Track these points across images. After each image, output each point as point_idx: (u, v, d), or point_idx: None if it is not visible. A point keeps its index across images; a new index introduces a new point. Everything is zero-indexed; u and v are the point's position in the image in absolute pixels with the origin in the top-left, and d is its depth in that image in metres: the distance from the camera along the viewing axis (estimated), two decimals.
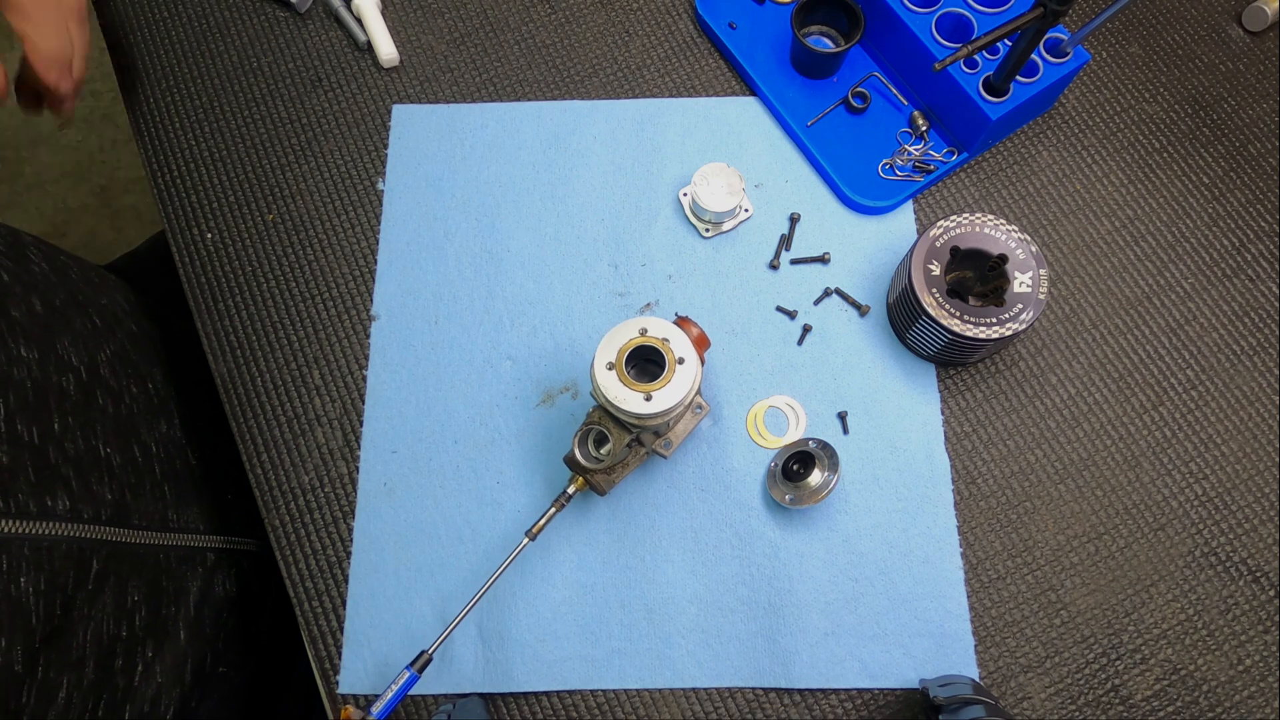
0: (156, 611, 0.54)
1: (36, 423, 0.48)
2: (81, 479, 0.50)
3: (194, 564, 0.59)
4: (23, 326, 0.51)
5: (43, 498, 0.47)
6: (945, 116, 0.64)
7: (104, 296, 0.62)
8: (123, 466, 0.55)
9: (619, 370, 0.48)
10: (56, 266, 0.59)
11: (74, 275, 0.60)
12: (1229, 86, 0.67)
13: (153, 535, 0.55)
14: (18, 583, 0.44)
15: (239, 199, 0.65)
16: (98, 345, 0.57)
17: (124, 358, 0.60)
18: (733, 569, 0.56)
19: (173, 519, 0.58)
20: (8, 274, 0.52)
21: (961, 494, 0.58)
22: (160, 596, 0.55)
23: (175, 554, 0.57)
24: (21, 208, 1.58)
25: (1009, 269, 0.55)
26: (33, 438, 0.48)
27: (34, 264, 0.56)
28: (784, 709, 0.54)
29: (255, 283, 0.63)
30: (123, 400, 0.57)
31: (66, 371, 0.53)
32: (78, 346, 0.55)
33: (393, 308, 0.62)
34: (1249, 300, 0.62)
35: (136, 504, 0.55)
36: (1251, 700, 0.54)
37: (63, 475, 0.49)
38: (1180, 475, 0.58)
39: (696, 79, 0.68)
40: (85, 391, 0.54)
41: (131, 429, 0.57)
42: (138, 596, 0.53)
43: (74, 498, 0.49)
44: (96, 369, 0.56)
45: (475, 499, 0.58)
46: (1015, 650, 0.55)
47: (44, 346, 0.52)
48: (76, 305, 0.58)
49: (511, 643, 0.55)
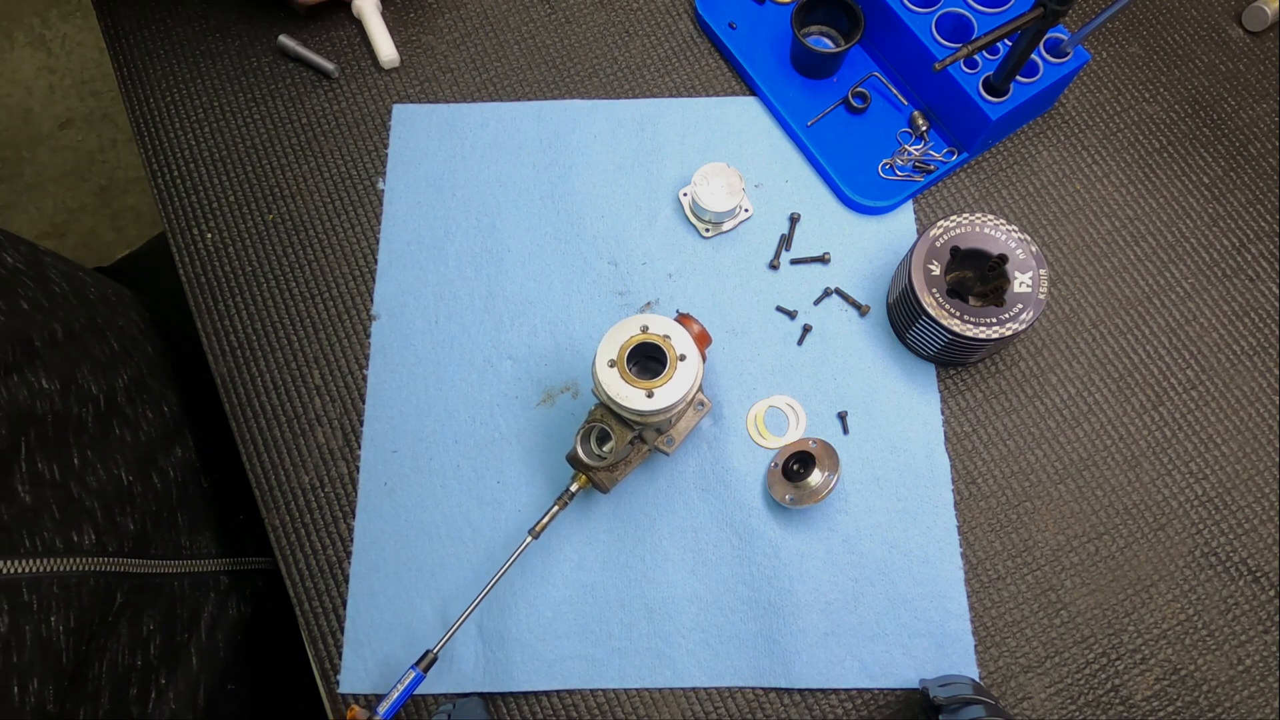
0: (171, 639, 0.54)
1: (57, 459, 0.48)
2: (105, 510, 0.50)
3: (207, 589, 0.59)
4: (43, 357, 0.50)
5: (68, 533, 0.46)
6: (945, 116, 0.64)
7: (121, 317, 0.62)
8: (143, 495, 0.54)
9: (620, 368, 0.48)
10: (75, 286, 0.58)
11: (92, 295, 0.59)
12: (1229, 86, 0.67)
13: (169, 564, 0.55)
14: (48, 622, 0.43)
15: (239, 199, 0.65)
16: (116, 372, 0.57)
17: (140, 383, 0.59)
18: (733, 569, 0.56)
19: (186, 545, 0.58)
20: (27, 301, 0.52)
21: (961, 494, 0.58)
22: (174, 624, 0.55)
23: (189, 580, 0.57)
24: (21, 208, 1.58)
25: (1009, 269, 0.55)
26: (54, 474, 0.47)
27: (54, 284, 0.56)
28: (784, 709, 0.54)
29: (255, 283, 0.63)
30: (140, 427, 0.57)
31: (86, 402, 0.52)
32: (97, 375, 0.54)
33: (393, 308, 0.62)
34: (1249, 300, 0.62)
35: (155, 533, 0.54)
36: (1251, 700, 0.54)
37: (87, 508, 0.49)
38: (1180, 475, 0.58)
39: (696, 79, 0.68)
40: (103, 422, 0.53)
41: (149, 456, 0.57)
42: (153, 625, 0.52)
43: (99, 530, 0.49)
44: (114, 397, 0.55)
45: (476, 499, 0.58)
46: (1015, 650, 0.55)
47: (65, 377, 0.51)
48: (95, 330, 0.57)
49: (511, 642, 0.55)
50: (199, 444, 0.63)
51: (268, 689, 0.65)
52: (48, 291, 0.54)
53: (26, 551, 0.43)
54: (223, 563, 0.61)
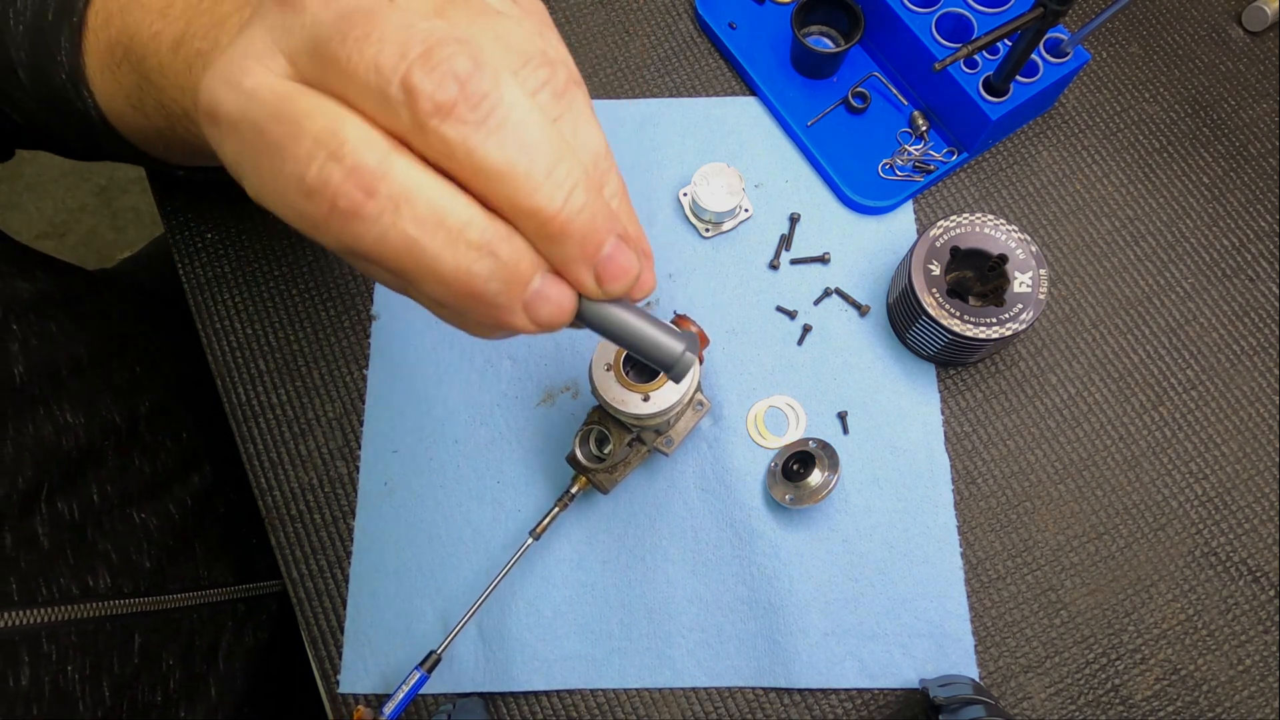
0: (190, 672, 0.53)
1: (77, 498, 0.47)
2: (120, 551, 0.48)
3: (225, 618, 0.58)
4: (68, 387, 0.48)
5: (84, 578, 0.45)
6: (945, 116, 0.64)
7: (142, 336, 0.60)
8: (159, 529, 0.53)
9: (617, 371, 0.48)
10: (99, 303, 0.56)
11: (114, 315, 0.58)
12: (1229, 86, 0.67)
13: (187, 597, 0.54)
14: (65, 672, 0.42)
15: (239, 199, 0.65)
16: (137, 397, 0.55)
17: (161, 408, 0.58)
18: (733, 568, 0.56)
19: (204, 575, 0.57)
20: (56, 324, 0.50)
21: (961, 494, 0.58)
22: (194, 656, 0.53)
23: (207, 611, 0.56)
24: (21, 208, 1.58)
25: (1009, 269, 0.55)
26: (73, 514, 0.46)
27: (79, 302, 0.54)
28: (784, 709, 0.54)
29: (255, 283, 0.63)
30: (158, 457, 0.56)
31: (109, 434, 0.51)
32: (119, 402, 0.53)
33: (393, 308, 0.62)
34: (1249, 300, 0.62)
35: (172, 568, 0.53)
36: (1251, 700, 0.54)
37: (101, 550, 0.47)
38: (1180, 475, 0.58)
39: (696, 79, 0.68)
40: (124, 454, 0.52)
41: (166, 487, 0.56)
42: (172, 661, 0.51)
43: (114, 572, 0.47)
44: (135, 426, 0.54)
45: (476, 499, 0.58)
46: (1015, 650, 0.55)
47: (89, 408, 0.49)
48: (118, 353, 0.56)
49: (512, 642, 0.55)
50: (215, 468, 0.62)
51: (282, 710, 0.64)
52: (74, 311, 0.53)
53: (44, 600, 0.42)
54: (239, 590, 0.60)
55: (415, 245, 0.24)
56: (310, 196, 0.23)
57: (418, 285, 0.25)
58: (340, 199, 0.23)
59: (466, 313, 0.27)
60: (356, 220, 0.23)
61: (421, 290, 0.26)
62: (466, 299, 0.25)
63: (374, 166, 0.23)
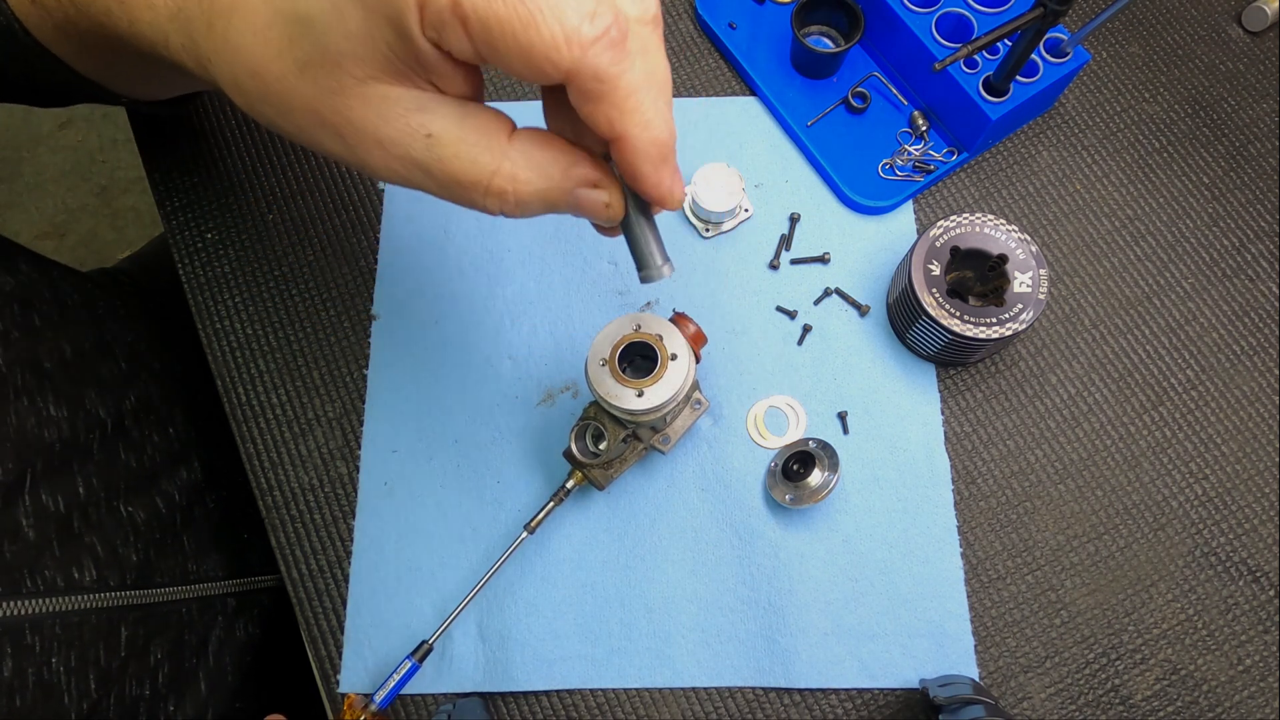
0: (179, 666, 0.53)
1: (62, 490, 0.47)
2: (107, 544, 0.49)
3: (215, 612, 0.58)
4: (53, 380, 0.49)
5: (69, 570, 0.45)
6: (945, 116, 0.64)
7: (130, 332, 0.60)
8: (146, 523, 0.53)
9: (611, 367, 0.48)
10: (86, 299, 0.56)
11: (101, 309, 0.58)
12: (1229, 86, 0.67)
13: (175, 591, 0.54)
14: (49, 664, 0.42)
15: (239, 199, 0.65)
16: (123, 392, 0.55)
17: (148, 404, 0.58)
18: (733, 568, 0.56)
19: (193, 570, 0.57)
20: (39, 316, 0.50)
21: (961, 494, 0.58)
22: (183, 650, 0.54)
23: (197, 605, 0.56)
24: (21, 208, 1.58)
25: (1009, 269, 0.55)
26: (58, 506, 0.46)
27: (66, 296, 0.54)
28: (784, 709, 0.54)
29: (255, 283, 0.63)
30: (145, 452, 0.56)
31: (94, 428, 0.51)
32: (104, 397, 0.53)
33: (393, 308, 0.62)
34: (1249, 300, 0.62)
35: (160, 561, 0.53)
36: (1251, 700, 0.54)
37: (87, 543, 0.47)
38: (1180, 475, 0.58)
39: (696, 79, 0.68)
40: (109, 449, 0.52)
41: (153, 481, 0.56)
42: (160, 654, 0.51)
43: (100, 565, 0.47)
44: (121, 420, 0.54)
45: (476, 498, 0.58)
46: (1015, 650, 0.55)
47: (73, 402, 0.49)
48: (104, 348, 0.56)
49: (511, 642, 0.55)
50: (205, 463, 0.62)
51: (274, 705, 0.64)
52: (60, 305, 0.53)
53: (28, 591, 0.42)
54: (230, 584, 0.60)
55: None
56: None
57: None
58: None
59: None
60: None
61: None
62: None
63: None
